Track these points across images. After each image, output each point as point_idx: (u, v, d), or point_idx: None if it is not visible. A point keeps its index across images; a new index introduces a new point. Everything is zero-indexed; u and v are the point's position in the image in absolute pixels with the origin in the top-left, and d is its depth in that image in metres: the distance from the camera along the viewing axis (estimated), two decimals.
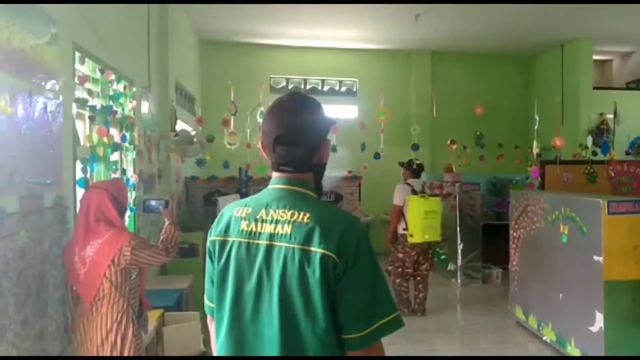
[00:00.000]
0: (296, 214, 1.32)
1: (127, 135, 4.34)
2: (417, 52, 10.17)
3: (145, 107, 5.00)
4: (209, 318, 1.52)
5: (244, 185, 6.65)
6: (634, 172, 5.78)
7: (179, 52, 6.82)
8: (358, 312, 1.27)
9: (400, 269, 5.88)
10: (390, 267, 5.96)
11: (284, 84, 9.88)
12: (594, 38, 9.10)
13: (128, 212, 4.45)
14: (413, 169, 5.96)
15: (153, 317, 3.90)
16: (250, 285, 1.33)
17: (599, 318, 3.99)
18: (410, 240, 5.63)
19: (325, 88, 10.16)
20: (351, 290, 1.26)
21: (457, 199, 7.42)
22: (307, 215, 1.31)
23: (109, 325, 2.53)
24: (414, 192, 5.76)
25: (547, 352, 4.78)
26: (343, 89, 10.25)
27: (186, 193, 7.10)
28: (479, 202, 7.56)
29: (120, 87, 4.30)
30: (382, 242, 9.83)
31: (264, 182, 7.01)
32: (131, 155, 4.56)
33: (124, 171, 4.42)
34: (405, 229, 5.73)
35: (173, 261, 5.48)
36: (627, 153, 7.21)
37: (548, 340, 4.82)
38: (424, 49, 10.09)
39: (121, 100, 4.29)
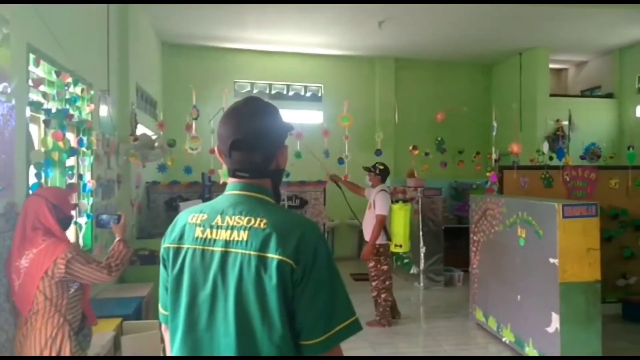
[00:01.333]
0: (253, 220, 1.30)
1: (85, 139, 4.22)
2: (381, 59, 10.30)
3: (104, 110, 4.88)
4: (163, 326, 1.49)
5: (207, 190, 6.56)
6: (588, 176, 6.00)
7: (139, 55, 6.69)
8: (316, 318, 1.26)
9: (387, 282, 5.61)
10: (374, 283, 5.64)
11: (248, 88, 9.82)
12: (550, 47, 9.43)
13: (85, 219, 4.33)
14: (384, 174, 5.71)
15: (111, 326, 3.80)
16: (205, 293, 1.31)
17: (555, 319, 4.10)
18: (397, 250, 5.53)
19: (290, 93, 10.17)
20: (309, 296, 1.25)
21: (420, 203, 7.52)
22: (264, 221, 1.29)
23: (43, 342, 2.39)
24: (392, 199, 5.63)
25: (507, 353, 4.88)
26: (308, 94, 10.27)
27: (147, 198, 6.96)
28: (440, 206, 7.69)
29: (77, 90, 4.18)
30: (347, 246, 9.99)
31: None
32: (89, 160, 4.43)
33: (80, 177, 4.30)
34: (389, 239, 5.61)
35: (133, 268, 5.39)
36: (582, 158, 7.46)
37: (507, 342, 4.92)
38: (388, 56, 10.23)
39: (78, 103, 4.17)
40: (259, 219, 1.30)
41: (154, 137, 5.36)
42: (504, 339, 4.99)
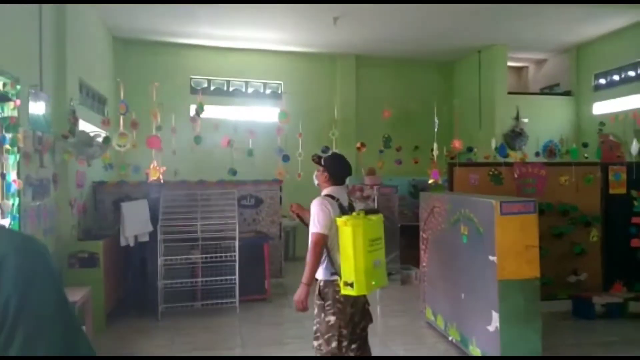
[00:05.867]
0: None
1: (8, 136, 4.01)
2: (341, 56, 10.21)
3: (35, 107, 4.65)
4: None
5: (156, 190, 6.37)
6: (537, 173, 5.99)
7: (84, 50, 6.45)
8: None
9: (333, 344, 3.25)
10: (316, 343, 3.38)
11: (205, 84, 9.62)
12: (508, 45, 9.47)
13: (9, 221, 4.11)
14: (334, 171, 3.51)
15: None
16: None
17: (495, 317, 4.05)
18: (348, 292, 3.15)
19: (249, 90, 10.00)
20: (20, 346, 0.89)
21: (376, 201, 7.45)
22: None
23: None
24: (342, 210, 3.33)
25: (453, 353, 4.83)
26: (268, 91, 10.12)
27: (94, 199, 6.71)
28: (396, 204, 7.63)
29: None
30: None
31: (179, 186, 6.59)
32: (14, 159, 4.21)
33: (4, 176, 4.08)
34: (335, 273, 3.26)
35: (71, 271, 5.18)
36: (537, 155, 7.50)
37: (454, 341, 4.87)
38: (348, 53, 10.15)
39: None
40: None
41: (92, 134, 5.14)
42: (450, 338, 4.93)
